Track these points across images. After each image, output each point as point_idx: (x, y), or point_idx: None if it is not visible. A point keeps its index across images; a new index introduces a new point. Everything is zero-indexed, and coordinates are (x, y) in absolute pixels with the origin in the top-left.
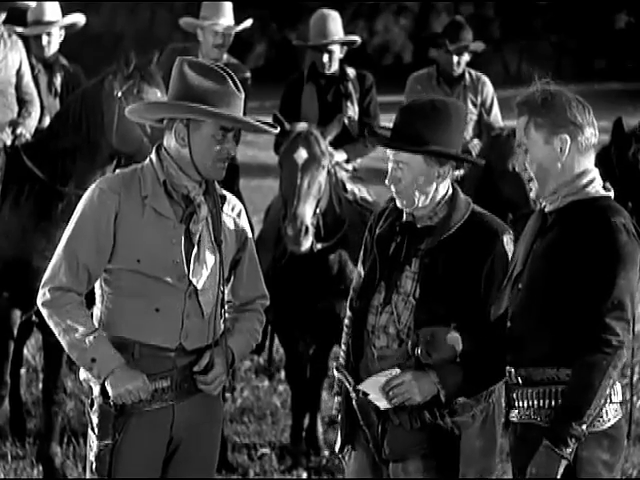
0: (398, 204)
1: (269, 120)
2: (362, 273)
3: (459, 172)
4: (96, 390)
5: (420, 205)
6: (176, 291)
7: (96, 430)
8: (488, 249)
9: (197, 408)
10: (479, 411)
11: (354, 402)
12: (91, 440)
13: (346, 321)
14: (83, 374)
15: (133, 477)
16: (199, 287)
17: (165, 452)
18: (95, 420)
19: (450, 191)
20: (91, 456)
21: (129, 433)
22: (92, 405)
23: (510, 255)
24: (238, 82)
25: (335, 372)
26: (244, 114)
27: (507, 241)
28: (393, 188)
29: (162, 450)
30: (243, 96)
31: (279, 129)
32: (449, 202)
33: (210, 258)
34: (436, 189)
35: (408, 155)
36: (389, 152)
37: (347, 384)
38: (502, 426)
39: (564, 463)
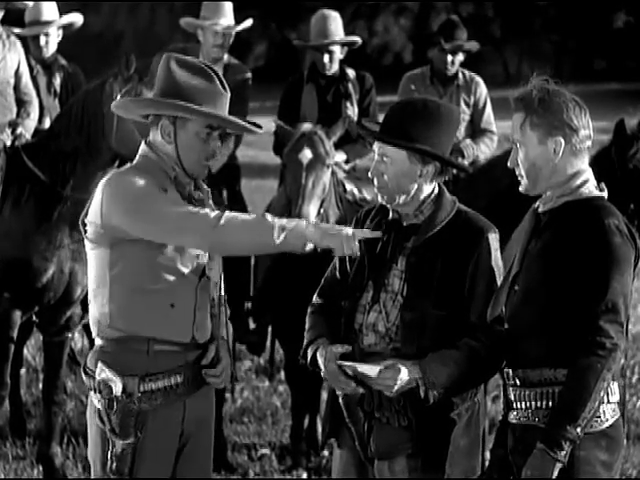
0: (379, 198)
1: (268, 121)
2: (337, 264)
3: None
4: (117, 389)
5: (401, 202)
6: (189, 284)
7: (117, 429)
8: (473, 246)
9: (202, 402)
10: (464, 410)
11: (340, 399)
12: (109, 440)
13: (310, 308)
14: (103, 374)
15: (155, 475)
16: (212, 279)
17: (177, 446)
18: (115, 420)
19: (436, 190)
20: (108, 455)
21: (148, 431)
22: (110, 405)
23: (495, 252)
24: (224, 80)
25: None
26: (246, 115)
27: (492, 238)
28: (375, 181)
29: (175, 445)
30: (229, 95)
31: (263, 128)
32: (435, 201)
33: None
34: (419, 188)
35: (393, 150)
36: (375, 145)
37: None
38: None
39: (559, 466)
